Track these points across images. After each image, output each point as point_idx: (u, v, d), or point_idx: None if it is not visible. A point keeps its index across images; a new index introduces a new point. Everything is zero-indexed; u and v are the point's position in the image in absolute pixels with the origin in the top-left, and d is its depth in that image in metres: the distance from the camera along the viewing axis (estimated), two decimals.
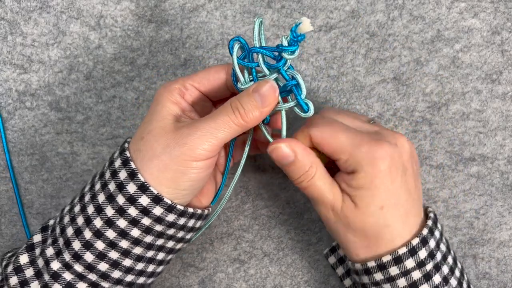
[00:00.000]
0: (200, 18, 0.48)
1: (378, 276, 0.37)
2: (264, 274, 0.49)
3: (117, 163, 0.37)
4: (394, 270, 0.37)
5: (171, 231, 0.38)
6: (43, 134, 0.49)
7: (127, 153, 0.37)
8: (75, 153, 0.49)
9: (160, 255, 0.39)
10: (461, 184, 0.48)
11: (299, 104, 0.37)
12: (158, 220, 0.36)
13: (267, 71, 0.37)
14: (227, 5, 0.48)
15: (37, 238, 0.38)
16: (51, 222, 0.39)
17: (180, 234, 0.39)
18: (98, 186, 0.37)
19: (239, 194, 0.49)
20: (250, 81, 0.38)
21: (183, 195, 0.37)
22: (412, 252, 0.36)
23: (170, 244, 0.39)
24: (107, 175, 0.37)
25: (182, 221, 0.38)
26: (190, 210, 0.38)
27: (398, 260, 0.36)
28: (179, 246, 0.41)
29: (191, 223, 0.39)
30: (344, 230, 0.38)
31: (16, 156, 0.50)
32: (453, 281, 0.37)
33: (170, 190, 0.36)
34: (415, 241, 0.37)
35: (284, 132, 0.38)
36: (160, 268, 0.41)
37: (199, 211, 0.39)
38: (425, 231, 0.37)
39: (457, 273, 0.38)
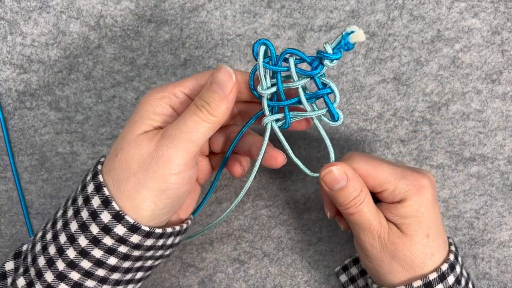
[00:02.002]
0: (200, 18, 0.48)
1: None
2: (264, 274, 0.49)
3: (90, 188, 0.34)
4: None
5: (149, 253, 0.37)
6: (43, 134, 0.49)
7: (100, 178, 0.34)
8: (75, 153, 0.49)
9: (139, 274, 0.38)
10: (461, 184, 0.48)
11: (331, 112, 0.36)
12: (136, 246, 0.35)
13: (296, 77, 0.35)
14: (227, 5, 0.48)
15: (9, 266, 0.37)
16: (25, 247, 0.38)
17: (159, 253, 0.38)
18: (70, 212, 0.35)
19: None
20: (273, 85, 0.36)
21: (163, 213, 0.35)
22: (442, 278, 0.36)
23: (149, 263, 0.38)
24: (80, 201, 0.35)
25: (160, 242, 0.36)
26: (169, 230, 0.36)
27: (428, 285, 0.36)
28: (158, 262, 0.39)
29: (169, 241, 0.38)
30: (390, 258, 0.37)
31: (16, 156, 0.50)
32: None
33: (148, 213, 0.34)
34: (444, 267, 0.37)
35: (329, 145, 0.37)
36: (138, 285, 0.40)
37: (177, 228, 0.37)
38: (452, 257, 0.37)
39: None
